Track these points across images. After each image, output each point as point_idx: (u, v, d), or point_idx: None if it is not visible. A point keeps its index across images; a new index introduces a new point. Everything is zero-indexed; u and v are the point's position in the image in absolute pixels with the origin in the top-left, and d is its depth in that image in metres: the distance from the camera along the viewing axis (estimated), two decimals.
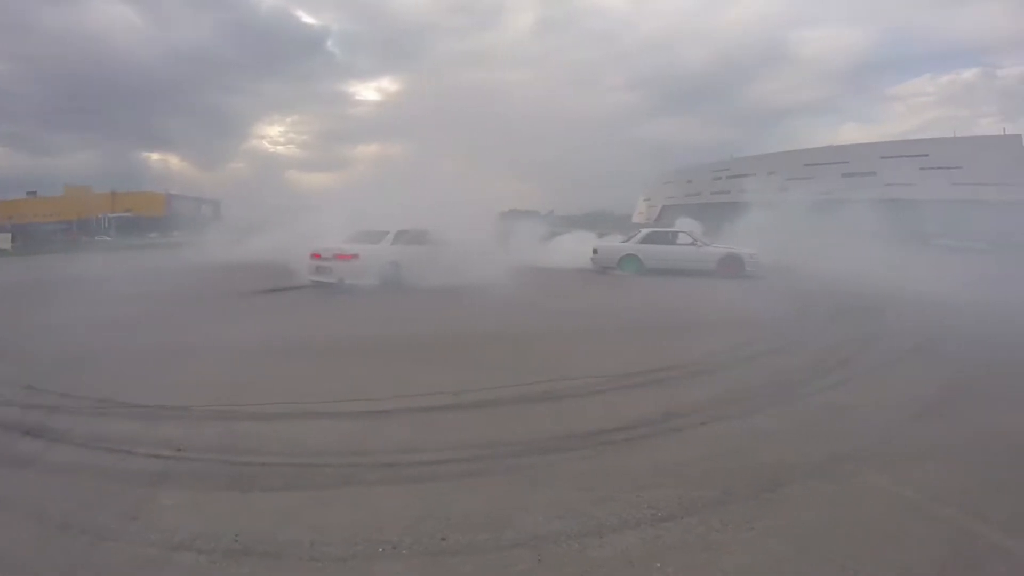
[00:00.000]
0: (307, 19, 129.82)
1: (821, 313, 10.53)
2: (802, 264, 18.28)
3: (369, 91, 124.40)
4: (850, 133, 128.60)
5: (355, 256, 13.05)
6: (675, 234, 18.14)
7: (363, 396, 5.35)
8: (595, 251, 17.75)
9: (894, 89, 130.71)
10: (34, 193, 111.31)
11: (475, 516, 3.24)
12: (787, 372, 6.49)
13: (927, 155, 54.80)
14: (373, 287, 12.77)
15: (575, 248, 19.81)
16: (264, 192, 29.27)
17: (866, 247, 22.03)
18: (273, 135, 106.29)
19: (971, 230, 36.92)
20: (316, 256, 13.42)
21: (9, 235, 57.78)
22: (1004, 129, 59.97)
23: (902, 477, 3.81)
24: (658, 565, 2.83)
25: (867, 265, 17.80)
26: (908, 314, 10.37)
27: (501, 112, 20.24)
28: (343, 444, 4.28)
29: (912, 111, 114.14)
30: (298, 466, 3.88)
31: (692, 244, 17.24)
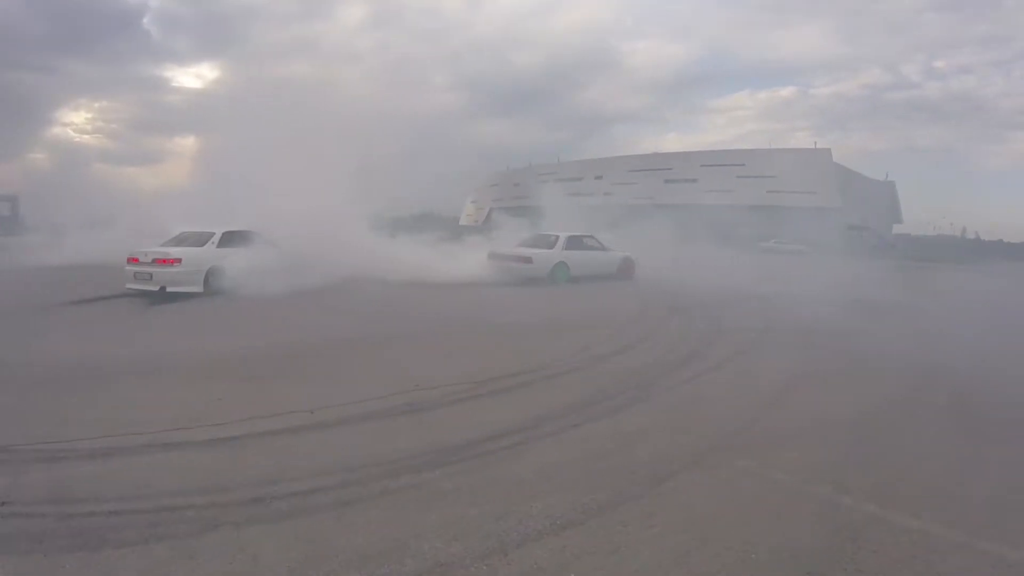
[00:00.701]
0: None
1: (683, 309, 11.27)
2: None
3: (188, 77, 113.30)
4: (673, 142, 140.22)
5: (176, 260, 11.78)
6: (587, 238, 17.26)
7: (207, 421, 4.74)
8: (530, 260, 15.77)
9: (715, 102, 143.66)
10: None
11: (367, 549, 2.96)
12: (649, 367, 6.85)
13: (744, 164, 60.74)
14: (198, 295, 11.74)
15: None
16: (70, 187, 25.38)
17: (698, 250, 23.91)
18: (79, 123, 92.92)
19: (792, 234, 41.29)
20: (133, 261, 11.94)
21: None
22: (815, 143, 67.92)
23: (770, 461, 4.13)
24: (572, 575, 2.77)
25: (710, 267, 19.26)
26: (750, 309, 11.49)
27: (328, 107, 19.22)
28: (198, 480, 3.72)
29: (732, 123, 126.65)
30: (152, 512, 3.29)
31: (602, 248, 17.04)
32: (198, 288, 11.90)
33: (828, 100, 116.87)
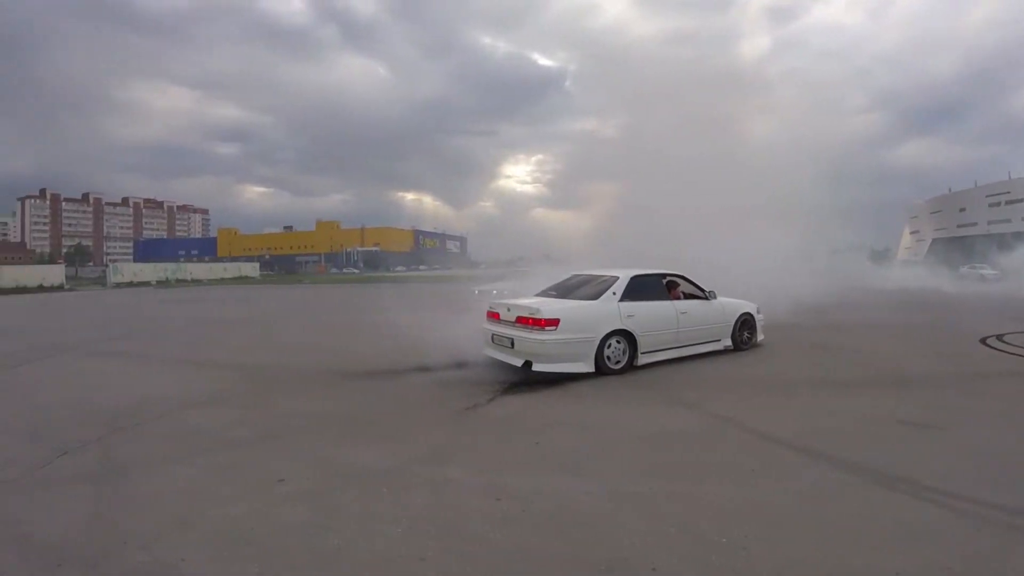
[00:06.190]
0: (543, 61, 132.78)
1: None
2: None
3: (608, 128, 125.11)
4: None
5: (550, 322, 7.35)
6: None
7: None
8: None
9: None
10: (290, 228, 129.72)
11: None
12: None
13: None
14: (587, 376, 7.46)
15: None
16: (512, 229, 26.61)
17: None
18: (519, 174, 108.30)
19: None
20: (493, 316, 8.16)
21: (257, 264, 66.28)
22: None
23: None
24: None
25: None
26: None
27: (741, 142, 16.76)
28: None
29: None
30: None
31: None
32: (586, 366, 7.54)
33: None
